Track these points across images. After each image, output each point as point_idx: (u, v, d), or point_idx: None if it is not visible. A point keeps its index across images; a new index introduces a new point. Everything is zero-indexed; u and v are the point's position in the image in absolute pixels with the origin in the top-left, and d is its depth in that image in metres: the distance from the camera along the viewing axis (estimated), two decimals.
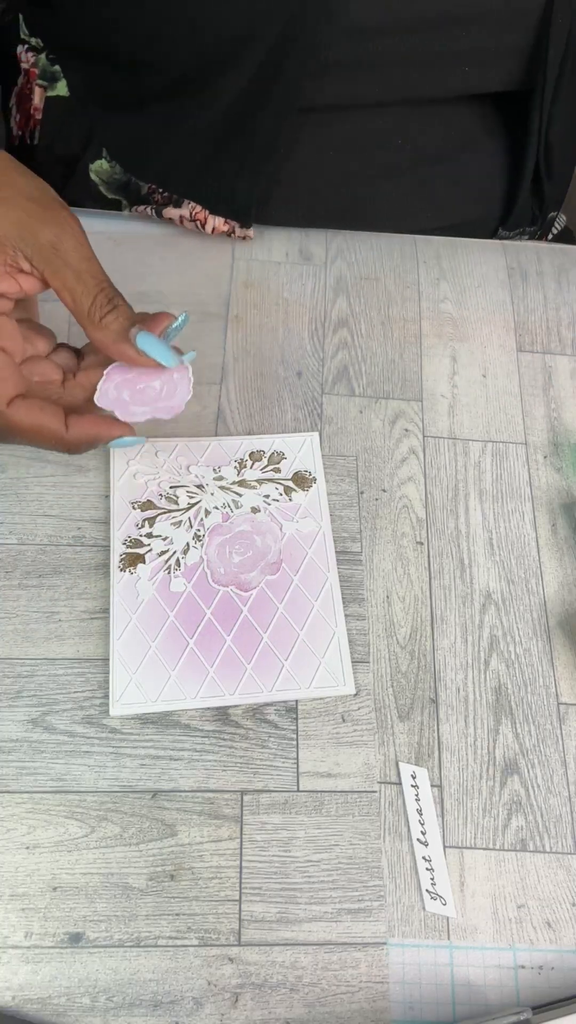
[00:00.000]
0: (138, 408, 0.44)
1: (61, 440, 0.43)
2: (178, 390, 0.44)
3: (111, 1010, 0.38)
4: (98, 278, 0.41)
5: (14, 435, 0.43)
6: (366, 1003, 0.39)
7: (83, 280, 0.41)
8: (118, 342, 0.42)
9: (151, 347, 0.42)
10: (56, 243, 0.40)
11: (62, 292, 0.41)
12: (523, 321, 0.59)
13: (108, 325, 0.41)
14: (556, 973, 0.41)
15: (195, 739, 0.44)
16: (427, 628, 0.48)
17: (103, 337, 0.42)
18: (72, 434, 0.43)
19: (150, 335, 0.42)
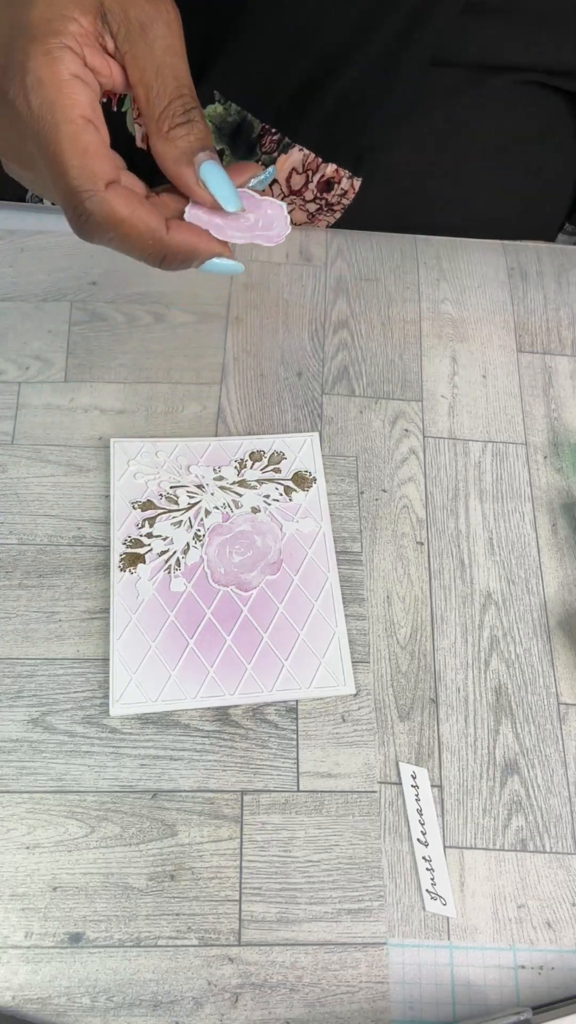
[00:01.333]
0: (235, 232, 0.39)
1: (159, 241, 0.37)
2: (275, 224, 0.40)
3: (111, 1010, 0.38)
4: (180, 80, 0.36)
5: (109, 227, 0.36)
6: (366, 1003, 0.39)
7: (162, 77, 0.36)
8: (179, 163, 0.36)
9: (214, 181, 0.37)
10: (146, 24, 0.35)
11: (137, 87, 0.36)
12: (523, 321, 0.59)
13: (175, 139, 0.36)
14: (556, 973, 0.41)
15: (195, 739, 0.44)
16: (427, 628, 0.48)
17: (166, 151, 0.36)
18: (173, 237, 0.37)
19: (218, 167, 0.37)
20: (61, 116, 0.35)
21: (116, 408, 0.53)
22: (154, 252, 0.38)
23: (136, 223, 0.36)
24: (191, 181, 0.37)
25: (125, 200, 0.36)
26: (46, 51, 0.34)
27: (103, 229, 0.36)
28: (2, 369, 0.54)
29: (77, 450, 0.51)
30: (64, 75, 0.35)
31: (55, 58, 0.34)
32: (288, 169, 0.57)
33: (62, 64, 0.34)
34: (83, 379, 0.54)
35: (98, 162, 0.35)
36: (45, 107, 0.34)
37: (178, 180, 0.37)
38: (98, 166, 0.35)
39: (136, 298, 0.57)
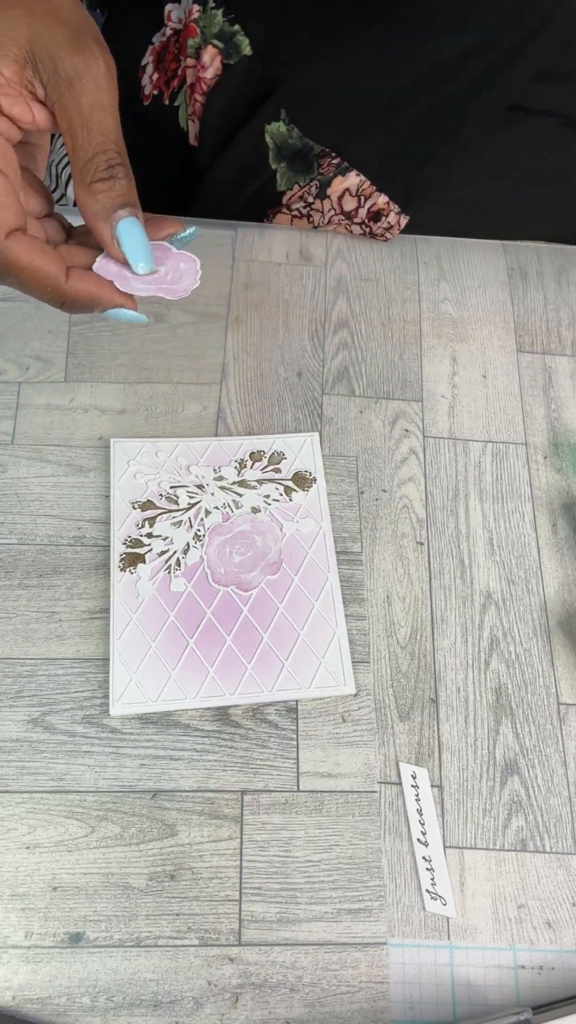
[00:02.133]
0: (140, 284, 0.39)
1: (58, 290, 0.38)
2: (184, 278, 0.40)
3: (111, 1010, 0.38)
4: (107, 135, 0.36)
5: (9, 273, 0.38)
6: (366, 1003, 0.39)
7: (88, 131, 0.36)
8: (98, 217, 0.37)
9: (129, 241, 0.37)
10: (74, 78, 0.35)
11: (66, 136, 0.36)
12: (523, 322, 0.59)
13: (96, 193, 0.36)
14: (556, 973, 0.41)
15: (195, 739, 0.44)
16: (427, 628, 0.48)
17: (86, 203, 0.37)
18: (71, 287, 0.38)
19: (136, 226, 0.37)
20: None
21: (116, 408, 0.53)
22: (53, 298, 0.39)
23: (35, 271, 0.37)
24: (106, 237, 0.37)
25: (26, 249, 0.37)
26: None
27: (3, 274, 0.38)
28: (2, 369, 0.54)
29: (77, 450, 0.51)
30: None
31: None
32: (342, 190, 0.58)
33: None
34: (83, 379, 0.54)
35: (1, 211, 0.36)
36: None
37: (95, 234, 0.38)
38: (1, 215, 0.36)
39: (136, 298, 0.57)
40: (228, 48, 0.56)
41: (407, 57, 0.53)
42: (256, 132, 0.57)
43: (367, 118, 0.56)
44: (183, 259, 0.40)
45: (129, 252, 0.37)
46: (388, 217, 0.59)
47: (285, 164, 0.58)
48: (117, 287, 0.39)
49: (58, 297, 0.39)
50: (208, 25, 0.56)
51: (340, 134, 0.56)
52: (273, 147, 0.58)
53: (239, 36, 0.56)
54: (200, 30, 0.56)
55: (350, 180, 0.57)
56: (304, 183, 0.59)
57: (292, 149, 0.58)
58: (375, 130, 0.56)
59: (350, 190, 0.58)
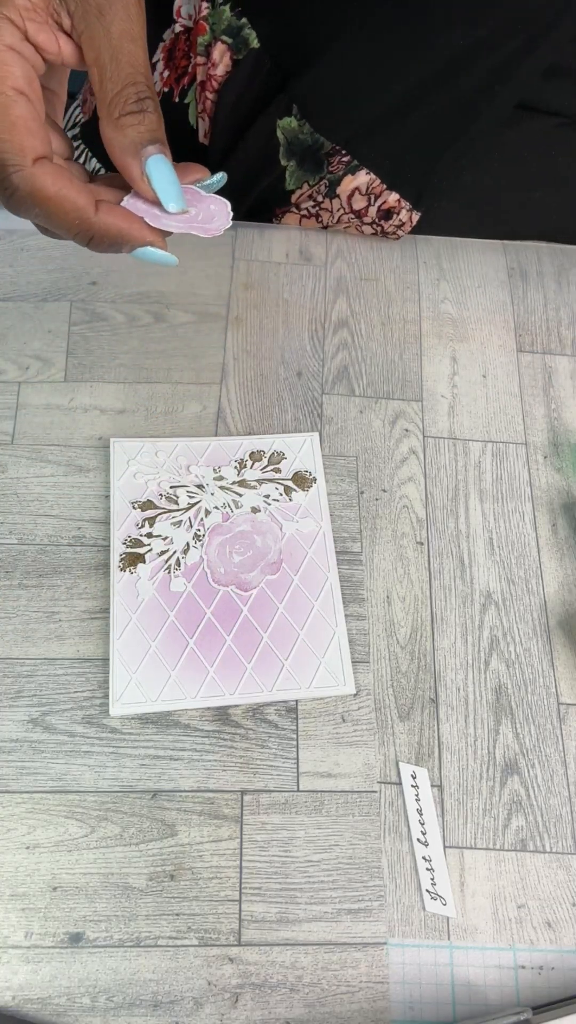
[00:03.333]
0: (171, 221, 0.37)
1: (86, 222, 0.36)
2: (215, 219, 0.38)
3: (111, 1010, 0.38)
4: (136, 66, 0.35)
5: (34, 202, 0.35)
6: (366, 1003, 0.39)
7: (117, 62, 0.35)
8: (126, 153, 0.35)
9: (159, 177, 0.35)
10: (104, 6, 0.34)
11: (92, 68, 0.35)
12: (523, 321, 0.59)
13: (125, 127, 0.35)
14: (556, 973, 0.41)
15: (195, 739, 0.44)
16: (427, 628, 0.48)
17: (114, 138, 0.35)
18: (100, 220, 0.36)
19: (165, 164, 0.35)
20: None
21: (116, 408, 0.53)
22: (80, 232, 0.37)
23: (62, 201, 0.35)
24: (135, 173, 0.36)
25: (53, 177, 0.35)
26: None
27: (28, 204, 0.35)
28: (2, 369, 0.54)
29: (77, 450, 0.51)
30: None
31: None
32: (352, 189, 0.58)
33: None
34: (83, 379, 0.54)
35: (27, 137, 0.34)
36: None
37: (123, 170, 0.36)
38: (27, 141, 0.34)
39: (136, 298, 0.57)
40: (236, 43, 0.55)
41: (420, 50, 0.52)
42: (267, 127, 0.57)
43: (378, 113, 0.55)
44: (213, 201, 0.38)
45: (160, 189, 0.36)
46: (399, 215, 0.58)
47: (295, 162, 0.58)
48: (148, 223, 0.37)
49: (86, 231, 0.36)
50: (217, 21, 0.55)
51: (351, 130, 0.56)
52: (284, 143, 0.57)
53: (247, 29, 0.55)
54: (209, 27, 0.56)
55: (360, 179, 0.57)
56: (314, 182, 0.58)
57: (302, 145, 0.57)
58: (386, 126, 0.55)
59: (360, 189, 0.57)
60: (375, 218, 0.59)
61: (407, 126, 0.55)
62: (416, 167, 0.57)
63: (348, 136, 0.56)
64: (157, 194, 0.36)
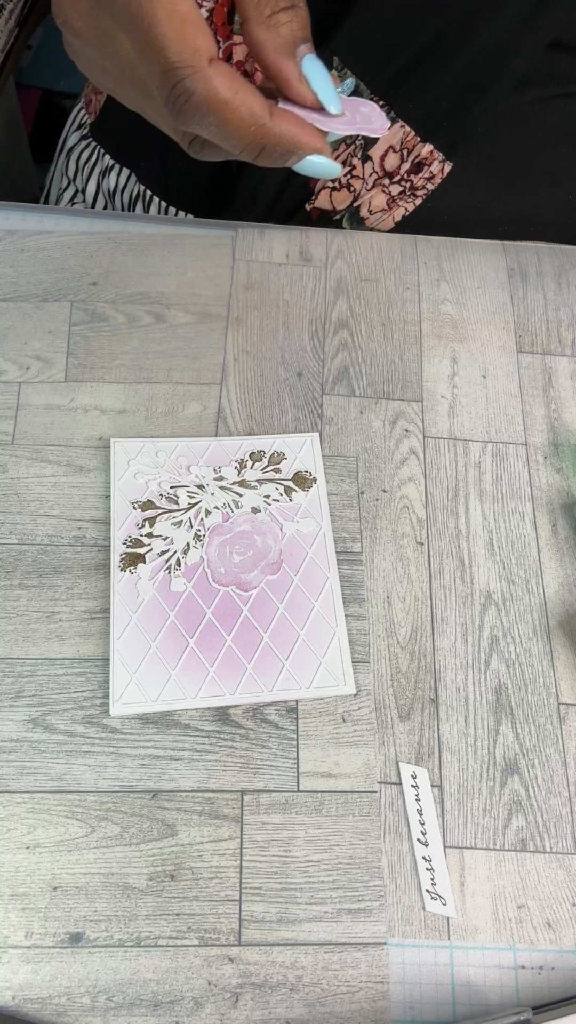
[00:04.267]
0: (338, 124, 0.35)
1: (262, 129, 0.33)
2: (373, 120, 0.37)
3: (111, 1010, 0.38)
4: None
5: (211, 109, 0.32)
6: (366, 1003, 0.39)
7: None
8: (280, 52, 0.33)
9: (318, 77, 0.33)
10: None
11: None
12: (523, 322, 0.59)
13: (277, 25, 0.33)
14: (556, 973, 0.41)
15: (195, 739, 0.44)
16: (427, 628, 0.48)
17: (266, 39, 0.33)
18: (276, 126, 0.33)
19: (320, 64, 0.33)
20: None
21: (116, 408, 0.53)
22: (254, 142, 0.34)
23: (239, 106, 0.32)
24: (292, 75, 0.33)
25: (229, 80, 0.32)
26: None
27: (203, 112, 0.32)
28: (2, 369, 0.54)
29: (77, 450, 0.51)
30: None
31: None
32: (386, 147, 0.56)
33: None
34: (83, 379, 0.54)
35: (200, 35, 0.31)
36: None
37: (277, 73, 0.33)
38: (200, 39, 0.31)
39: (136, 298, 0.57)
40: None
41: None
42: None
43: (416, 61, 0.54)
44: (362, 104, 0.37)
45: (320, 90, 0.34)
46: (431, 167, 0.58)
47: None
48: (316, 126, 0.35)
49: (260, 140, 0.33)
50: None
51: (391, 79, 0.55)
52: None
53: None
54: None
55: (394, 133, 0.57)
56: (350, 141, 0.58)
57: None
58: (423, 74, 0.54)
59: (394, 147, 0.56)
60: (406, 174, 0.58)
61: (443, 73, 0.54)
62: (451, 115, 0.56)
63: (387, 84, 0.55)
64: (318, 96, 0.34)
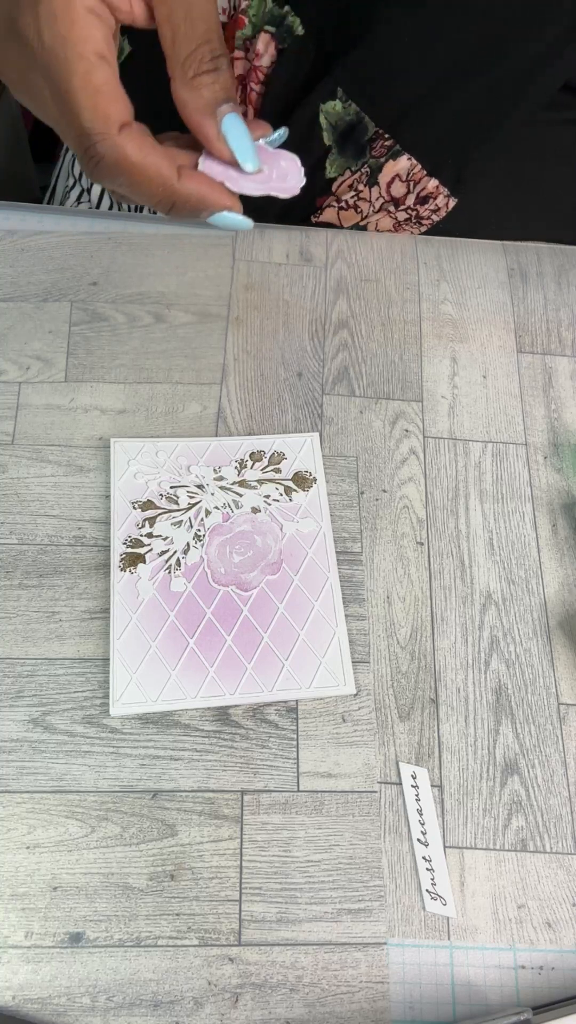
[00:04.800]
0: (250, 184, 0.38)
1: (169, 189, 0.36)
2: (289, 176, 0.39)
3: (111, 1010, 0.38)
4: (210, 25, 0.34)
5: (119, 172, 0.35)
6: (366, 1003, 0.39)
7: (191, 20, 0.34)
8: (202, 113, 0.35)
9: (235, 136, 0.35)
10: None
11: (164, 26, 0.34)
12: (523, 322, 0.59)
13: (200, 87, 0.35)
14: (556, 973, 0.41)
15: (195, 739, 0.44)
16: (427, 628, 0.48)
17: (189, 99, 0.35)
18: (184, 186, 0.36)
19: (240, 122, 0.35)
20: (73, 52, 0.33)
21: (116, 408, 0.53)
22: (163, 199, 0.37)
23: (147, 168, 0.35)
24: (212, 133, 0.35)
25: (138, 144, 0.35)
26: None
27: (113, 173, 0.35)
28: (2, 369, 0.54)
29: (77, 450, 0.51)
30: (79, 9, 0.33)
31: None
32: (392, 175, 0.57)
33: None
34: (83, 379, 0.54)
35: (111, 103, 0.34)
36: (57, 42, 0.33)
37: (198, 130, 0.36)
38: (112, 107, 0.34)
39: (136, 298, 0.57)
40: (281, 32, 0.55)
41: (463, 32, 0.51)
42: (310, 113, 0.56)
43: (423, 97, 0.54)
44: (282, 157, 0.39)
45: (237, 148, 0.36)
46: (436, 200, 0.58)
47: (336, 148, 0.58)
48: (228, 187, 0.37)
49: (169, 198, 0.36)
50: (258, 13, 0.54)
51: (396, 113, 0.55)
52: (328, 127, 0.57)
53: (290, 17, 0.54)
54: (250, 21, 0.55)
55: (401, 164, 0.57)
56: (356, 168, 0.58)
57: (346, 126, 0.56)
58: (430, 109, 0.55)
59: (400, 175, 0.57)
60: (412, 204, 0.59)
61: (450, 109, 0.55)
62: (457, 152, 0.56)
63: (392, 118, 0.55)
64: (234, 153, 0.36)
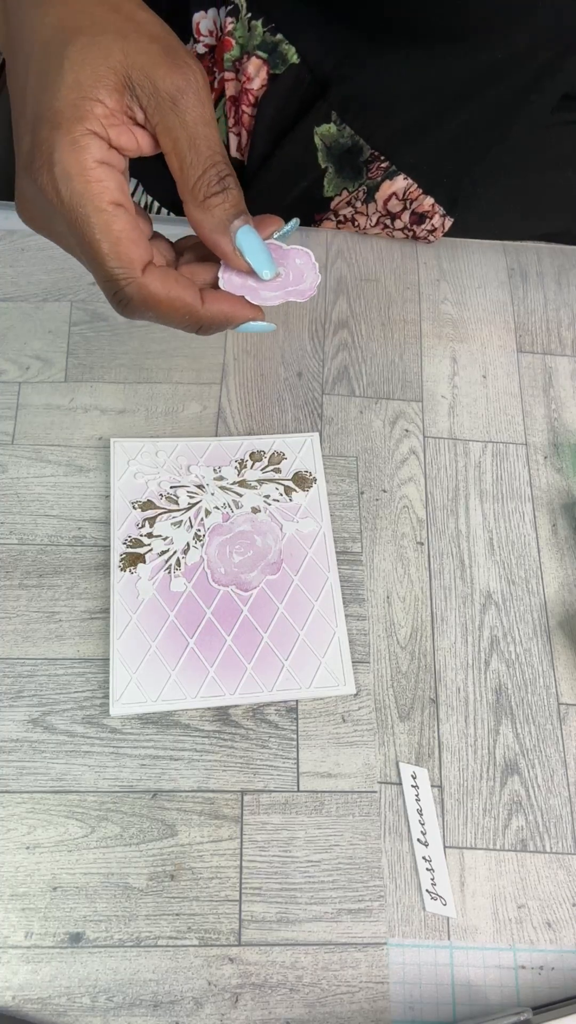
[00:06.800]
0: (268, 293, 0.40)
1: (195, 315, 0.39)
2: (306, 275, 0.41)
3: (111, 1010, 0.38)
4: (214, 148, 0.36)
5: (148, 308, 0.38)
6: (366, 1003, 0.39)
7: (195, 147, 0.36)
8: (216, 232, 0.37)
9: (251, 248, 0.37)
10: (176, 96, 0.35)
11: (170, 155, 0.36)
12: (523, 322, 0.59)
13: (211, 207, 0.37)
14: (556, 973, 0.41)
15: (195, 739, 0.44)
16: (427, 628, 0.48)
17: (203, 220, 0.37)
18: (208, 310, 0.39)
19: (253, 234, 0.37)
20: (91, 207, 0.35)
21: (116, 408, 0.53)
22: (191, 324, 0.39)
23: (173, 302, 0.38)
24: (228, 250, 0.37)
25: (161, 281, 0.37)
26: (71, 141, 0.34)
27: (143, 310, 0.38)
28: (2, 369, 0.54)
29: (77, 450, 0.51)
30: (90, 163, 0.35)
31: (81, 147, 0.34)
32: (389, 194, 0.58)
33: (87, 152, 0.34)
34: (83, 379, 0.54)
35: (133, 248, 0.36)
36: (75, 198, 0.35)
37: (215, 248, 0.38)
38: (134, 252, 0.36)
39: None
40: (273, 58, 0.55)
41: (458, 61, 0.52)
42: (305, 135, 0.57)
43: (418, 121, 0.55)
44: (297, 255, 0.40)
45: (253, 260, 0.38)
46: (432, 219, 0.59)
47: (333, 169, 0.58)
48: (248, 300, 0.40)
49: (196, 323, 0.39)
50: (247, 37, 0.55)
51: (391, 137, 0.56)
52: (323, 149, 0.57)
53: (284, 45, 0.55)
54: (237, 42, 0.56)
55: (397, 184, 0.57)
56: (353, 188, 0.59)
57: (341, 150, 0.57)
58: (425, 133, 0.56)
59: (397, 194, 0.58)
60: (408, 223, 0.59)
61: (445, 133, 0.55)
62: (452, 173, 0.57)
63: (388, 143, 0.56)
64: (251, 264, 0.38)
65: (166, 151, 0.36)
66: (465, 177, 0.57)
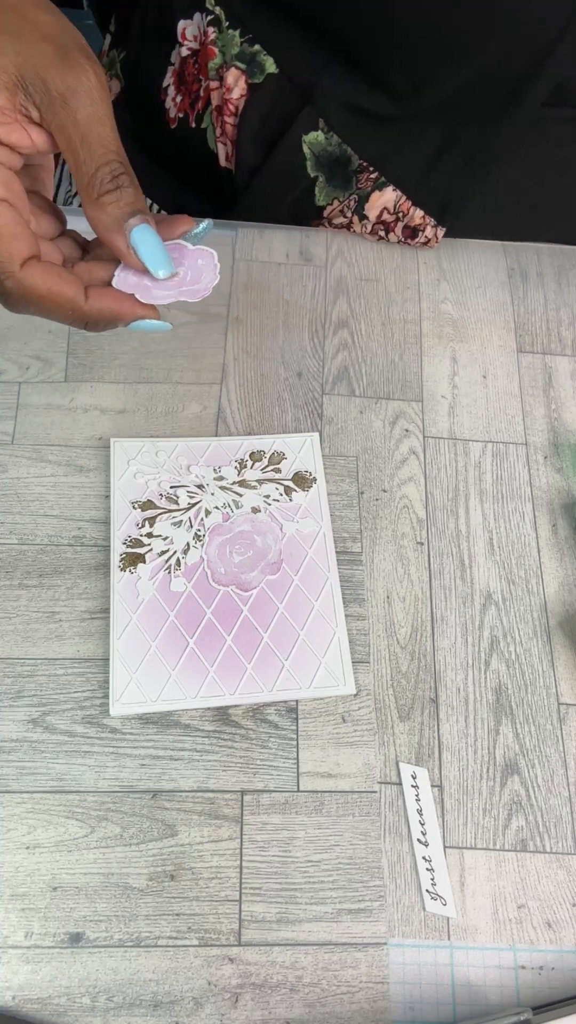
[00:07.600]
0: (161, 292, 0.39)
1: (78, 311, 0.39)
2: (204, 276, 0.40)
3: (111, 1010, 0.38)
4: (107, 146, 0.36)
5: (28, 302, 0.38)
6: (366, 1003, 0.39)
7: (88, 145, 0.36)
8: (110, 230, 0.37)
9: (145, 247, 0.37)
10: (67, 95, 0.35)
11: (66, 153, 0.36)
12: (523, 322, 0.59)
13: (105, 205, 0.37)
14: (556, 973, 0.41)
15: (195, 739, 0.44)
16: (427, 628, 0.48)
17: (97, 217, 0.37)
18: (91, 306, 0.39)
19: (150, 232, 0.37)
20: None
21: (116, 408, 0.53)
22: (75, 320, 0.39)
23: (54, 297, 0.38)
24: (122, 248, 0.37)
25: (42, 276, 0.37)
26: None
27: (24, 303, 0.38)
28: (2, 369, 0.54)
29: (77, 450, 0.51)
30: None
31: None
32: (380, 207, 0.58)
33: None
34: (83, 379, 0.54)
35: (12, 243, 0.36)
36: None
37: (110, 246, 0.38)
38: (13, 247, 0.36)
39: None
40: (251, 68, 0.55)
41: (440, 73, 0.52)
42: (293, 143, 0.57)
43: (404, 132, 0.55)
44: (200, 255, 0.40)
45: (147, 259, 0.38)
46: (425, 232, 0.59)
47: (324, 177, 0.58)
48: (138, 299, 0.39)
49: (80, 319, 0.39)
50: (227, 46, 0.55)
51: (379, 147, 0.56)
52: (311, 157, 0.57)
53: (261, 56, 0.55)
54: (219, 51, 0.56)
55: (387, 195, 0.58)
56: (343, 198, 0.59)
57: (330, 157, 0.57)
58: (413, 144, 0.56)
59: (388, 207, 0.58)
60: (401, 237, 0.60)
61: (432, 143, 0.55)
62: (440, 183, 0.57)
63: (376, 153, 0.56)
64: (145, 264, 0.38)
65: (62, 149, 0.36)
66: (453, 188, 0.57)
